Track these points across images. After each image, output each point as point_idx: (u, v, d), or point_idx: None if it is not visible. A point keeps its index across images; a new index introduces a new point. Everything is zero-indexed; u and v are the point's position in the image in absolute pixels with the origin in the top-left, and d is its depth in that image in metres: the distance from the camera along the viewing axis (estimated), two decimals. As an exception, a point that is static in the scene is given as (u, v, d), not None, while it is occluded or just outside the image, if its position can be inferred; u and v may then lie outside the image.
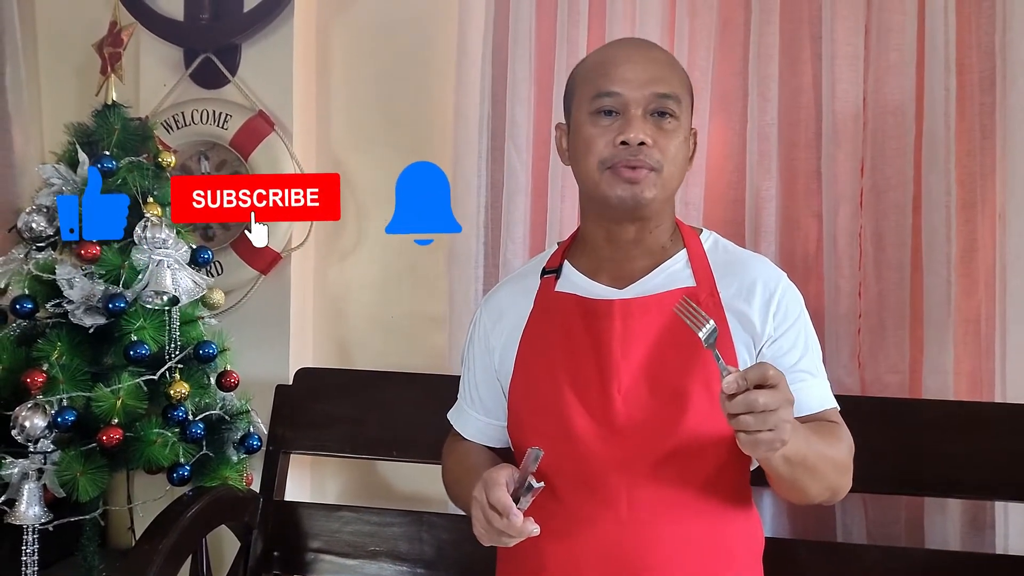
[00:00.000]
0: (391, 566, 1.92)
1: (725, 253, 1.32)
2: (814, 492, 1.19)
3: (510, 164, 2.08)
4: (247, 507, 1.93)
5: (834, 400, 1.29)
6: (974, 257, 1.89)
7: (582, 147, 1.26)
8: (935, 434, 1.76)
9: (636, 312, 1.25)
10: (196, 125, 2.21)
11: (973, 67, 1.87)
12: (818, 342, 1.31)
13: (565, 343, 1.27)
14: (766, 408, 0.99)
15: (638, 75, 1.23)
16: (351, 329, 2.34)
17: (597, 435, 1.22)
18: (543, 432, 1.27)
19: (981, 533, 1.87)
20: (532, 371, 1.30)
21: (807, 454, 1.12)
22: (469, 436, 1.43)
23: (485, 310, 1.41)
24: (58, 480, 1.71)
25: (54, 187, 1.86)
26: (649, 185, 1.22)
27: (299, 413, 2.04)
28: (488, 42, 2.12)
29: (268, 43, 2.21)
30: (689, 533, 1.21)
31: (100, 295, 1.79)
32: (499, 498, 1.09)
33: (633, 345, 1.23)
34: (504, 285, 1.44)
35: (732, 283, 1.27)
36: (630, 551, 1.20)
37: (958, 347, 1.86)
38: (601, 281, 1.30)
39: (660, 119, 1.24)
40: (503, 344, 1.35)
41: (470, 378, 1.42)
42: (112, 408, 1.72)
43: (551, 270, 1.36)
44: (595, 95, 1.25)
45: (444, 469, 1.45)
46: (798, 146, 1.99)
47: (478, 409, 1.41)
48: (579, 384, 1.25)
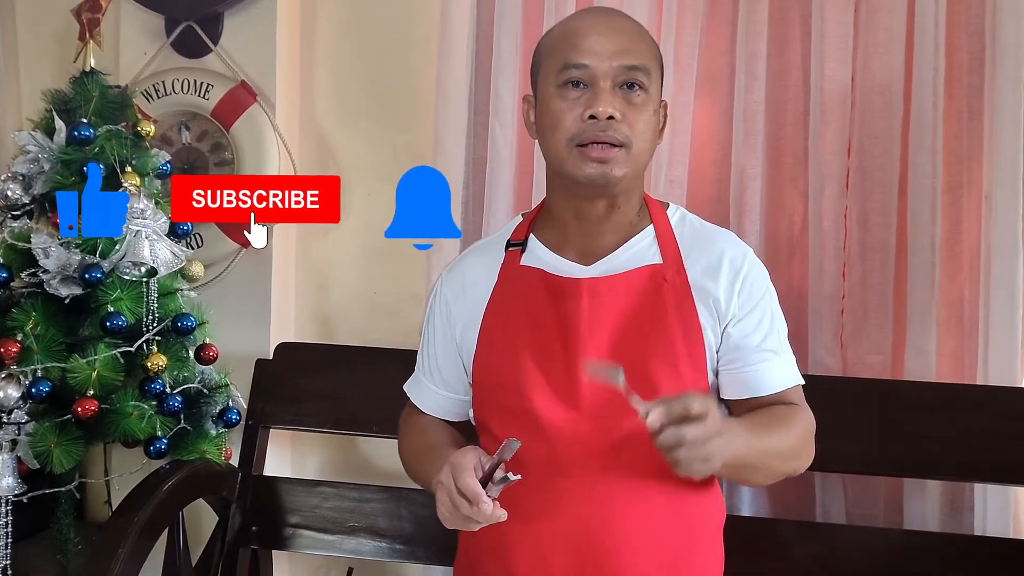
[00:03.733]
0: (370, 542, 1.92)
1: (692, 228, 1.31)
2: (759, 481, 1.27)
3: (494, 139, 2.06)
4: (225, 481, 1.91)
5: (798, 376, 1.29)
6: (959, 239, 1.88)
7: (549, 121, 1.23)
8: (916, 415, 1.76)
9: (603, 291, 1.23)
10: (177, 95, 2.18)
11: (962, 47, 1.86)
12: (783, 317, 1.31)
13: (530, 319, 1.26)
14: (695, 442, 1.02)
15: (606, 46, 1.20)
16: (333, 304, 2.32)
17: (561, 414, 1.21)
18: (506, 409, 1.26)
19: (960, 514, 1.87)
20: (496, 347, 1.28)
21: (746, 455, 1.15)
22: (427, 410, 1.41)
23: (447, 280, 1.38)
24: (32, 452, 1.69)
25: (30, 154, 1.82)
26: (619, 163, 1.20)
27: (279, 388, 2.02)
28: (473, 15, 2.09)
29: (251, 12, 2.17)
30: (652, 512, 1.21)
31: (76, 265, 1.76)
32: (468, 484, 1.08)
33: (599, 324, 1.22)
34: (467, 256, 1.41)
35: (699, 260, 1.26)
36: (594, 530, 1.20)
37: (941, 329, 1.86)
38: (567, 256, 1.28)
39: (629, 92, 1.21)
40: (465, 318, 1.32)
41: (429, 350, 1.39)
42: (87, 379, 1.70)
43: (516, 243, 1.33)
44: (562, 67, 1.21)
45: (401, 443, 1.42)
46: (785, 125, 1.98)
47: (437, 382, 1.39)
48: (543, 362, 1.23)
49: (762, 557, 1.70)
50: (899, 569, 1.71)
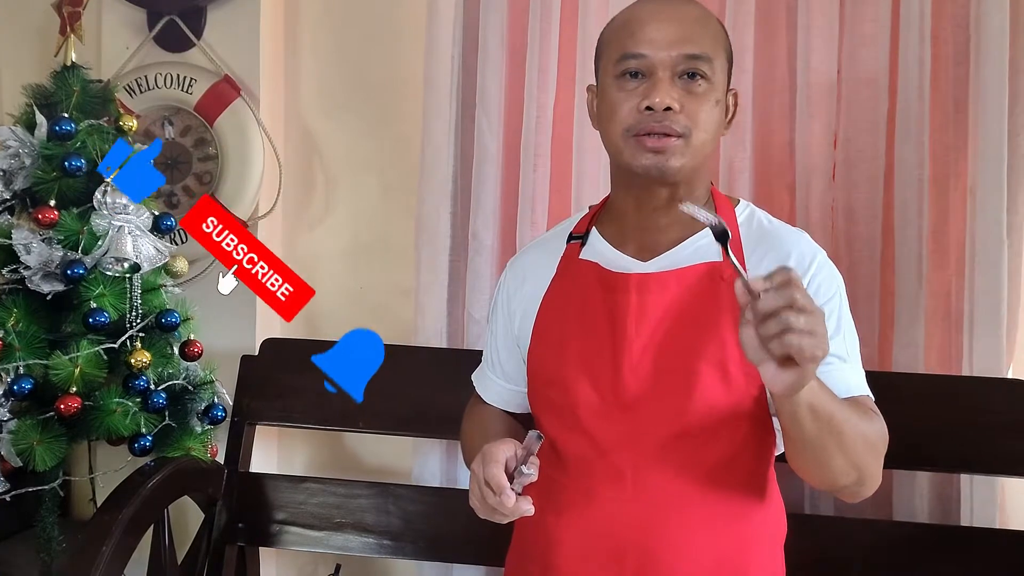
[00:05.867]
0: (357, 538, 1.91)
1: (760, 226, 1.25)
2: (838, 466, 1.09)
3: (480, 134, 2.05)
4: (211, 478, 1.90)
5: (867, 389, 1.20)
6: (946, 231, 1.88)
7: (607, 112, 1.20)
8: (904, 407, 1.74)
9: (653, 287, 1.20)
10: (160, 89, 2.16)
11: (948, 39, 1.86)
12: (854, 329, 1.23)
13: (581, 314, 1.23)
14: (805, 307, 0.89)
15: (665, 35, 1.16)
16: (319, 299, 2.27)
17: (601, 410, 1.19)
18: (552, 403, 1.24)
19: (948, 505, 1.88)
20: (547, 341, 1.26)
21: (834, 412, 1.04)
22: (489, 400, 1.41)
23: (510, 272, 1.37)
24: (15, 449, 1.68)
25: (11, 149, 1.81)
26: (675, 153, 1.16)
27: (265, 384, 2.00)
28: (459, 8, 2.07)
29: (234, 6, 2.15)
30: (695, 519, 1.17)
31: (58, 261, 1.74)
32: (494, 475, 1.07)
33: (647, 321, 1.19)
34: (531, 248, 1.40)
35: (764, 259, 1.20)
36: (635, 531, 1.17)
37: (928, 321, 1.86)
38: (627, 251, 1.25)
39: (690, 81, 1.16)
40: (523, 309, 1.31)
41: (492, 341, 1.39)
42: (70, 376, 1.68)
43: (578, 236, 1.31)
44: (620, 57, 1.18)
45: (462, 430, 1.43)
46: (772, 118, 1.98)
47: (498, 373, 1.39)
48: (589, 357, 1.21)
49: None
50: (888, 560, 1.72)
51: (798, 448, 1.09)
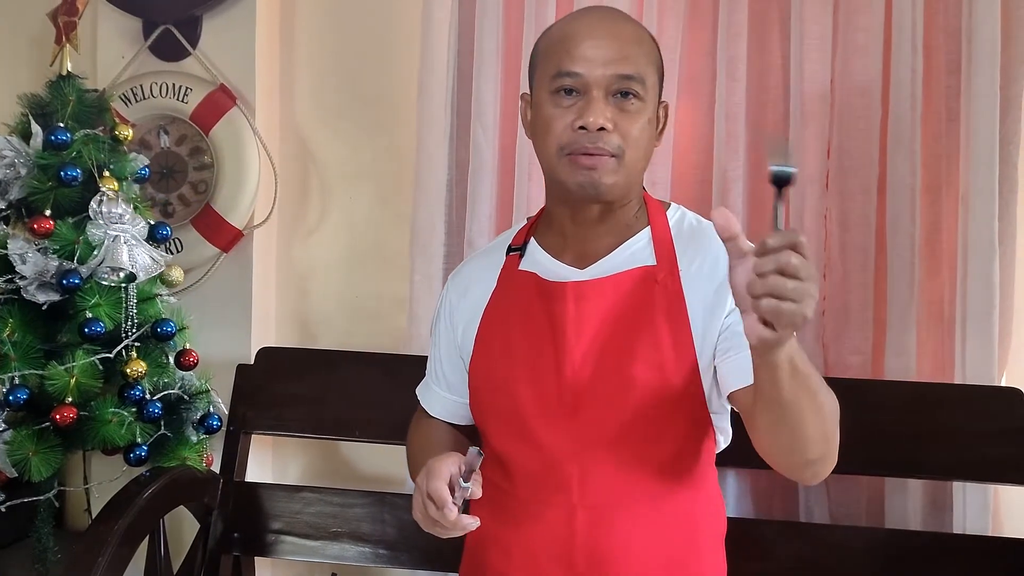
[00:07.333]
0: (353, 547, 1.91)
1: (690, 227, 1.28)
2: (811, 434, 1.05)
3: (476, 141, 2.05)
4: (206, 488, 1.90)
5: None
6: (938, 239, 1.90)
7: (542, 127, 1.22)
8: (897, 415, 1.77)
9: (590, 294, 1.22)
10: (155, 98, 2.16)
11: (940, 49, 1.88)
12: None
13: (523, 323, 1.26)
14: (797, 273, 0.86)
15: (601, 54, 1.17)
16: (314, 308, 2.31)
17: (546, 419, 1.21)
18: (497, 413, 1.26)
19: (941, 513, 1.88)
20: (490, 350, 1.29)
21: (811, 372, 1.01)
22: (435, 413, 1.42)
23: (452, 285, 1.39)
24: (10, 460, 1.67)
25: (6, 159, 1.80)
26: (609, 171, 1.18)
27: (260, 393, 2.01)
28: (455, 16, 2.08)
29: (230, 15, 2.15)
30: (643, 519, 1.20)
31: (54, 271, 1.74)
32: (436, 489, 1.09)
33: (586, 327, 1.21)
34: (472, 260, 1.43)
35: (695, 258, 1.23)
36: (584, 537, 1.20)
37: (921, 329, 1.87)
38: (565, 260, 1.28)
39: (623, 100, 1.18)
40: (466, 321, 1.33)
41: (436, 354, 1.41)
42: (66, 386, 1.68)
43: (516, 247, 1.34)
44: (556, 73, 1.19)
45: (407, 444, 1.44)
46: (766, 127, 1.99)
47: (442, 386, 1.40)
48: (532, 366, 1.23)
49: (747, 557, 1.69)
50: (882, 568, 1.72)
51: (775, 414, 1.04)
